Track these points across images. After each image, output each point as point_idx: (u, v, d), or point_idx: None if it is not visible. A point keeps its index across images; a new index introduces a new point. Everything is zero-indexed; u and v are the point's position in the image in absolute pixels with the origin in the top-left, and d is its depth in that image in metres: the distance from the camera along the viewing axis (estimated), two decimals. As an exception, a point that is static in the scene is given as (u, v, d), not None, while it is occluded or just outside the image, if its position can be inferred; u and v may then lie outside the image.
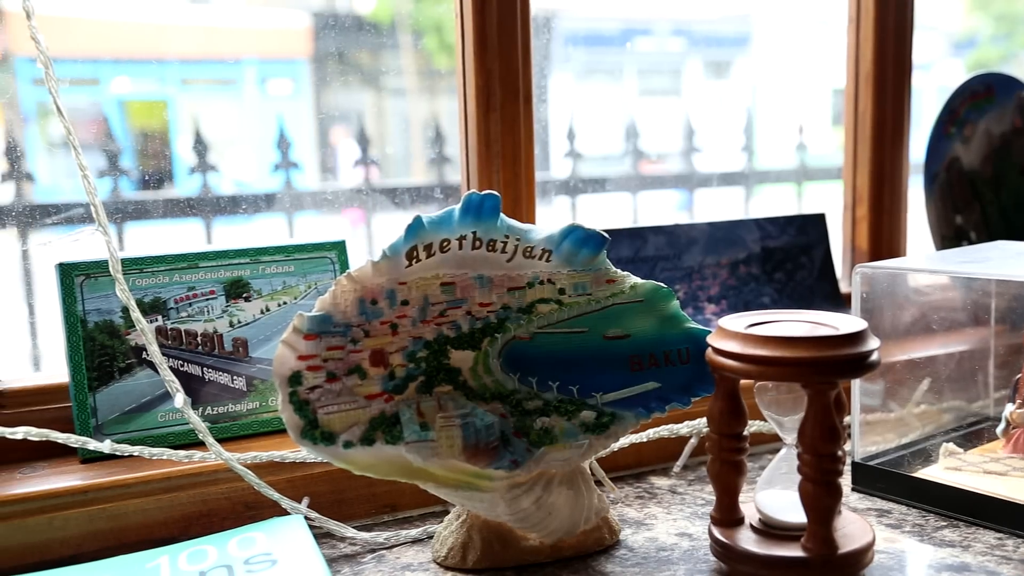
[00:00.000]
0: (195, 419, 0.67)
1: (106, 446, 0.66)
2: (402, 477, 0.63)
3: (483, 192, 0.63)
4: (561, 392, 0.66)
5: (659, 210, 1.76)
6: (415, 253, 0.63)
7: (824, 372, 0.58)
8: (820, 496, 0.60)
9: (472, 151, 0.84)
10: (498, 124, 0.83)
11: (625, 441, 0.78)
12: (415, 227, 0.63)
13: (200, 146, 1.35)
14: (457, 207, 0.63)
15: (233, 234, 1.46)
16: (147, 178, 1.34)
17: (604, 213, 1.64)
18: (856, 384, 0.79)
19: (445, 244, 0.64)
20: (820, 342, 0.59)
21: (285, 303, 0.78)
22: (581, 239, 0.65)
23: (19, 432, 0.64)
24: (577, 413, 0.65)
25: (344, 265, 0.80)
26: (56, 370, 0.78)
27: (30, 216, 0.96)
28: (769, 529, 0.64)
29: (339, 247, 0.80)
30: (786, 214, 0.99)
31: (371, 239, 1.32)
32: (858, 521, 0.65)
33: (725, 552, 0.64)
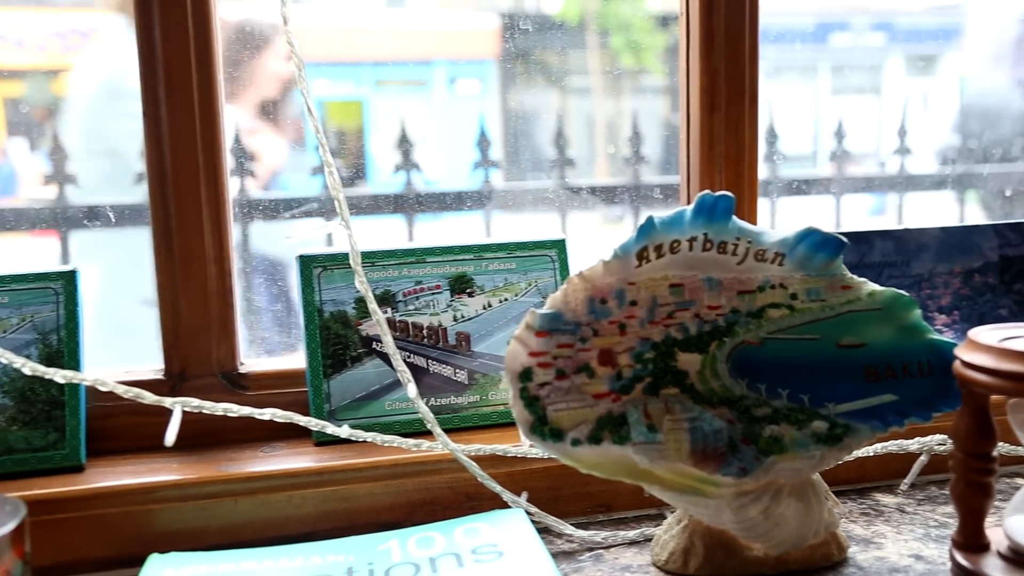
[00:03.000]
0: (424, 410, 0.70)
1: (344, 431, 0.69)
2: (627, 478, 0.63)
3: (717, 193, 0.61)
4: (791, 400, 0.64)
5: (855, 214, 1.68)
6: (645, 253, 0.63)
7: (1095, 393, 0.54)
8: (1085, 527, 0.55)
9: (694, 151, 0.83)
10: (722, 124, 0.81)
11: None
12: (647, 227, 0.62)
13: (405, 144, 1.39)
14: (689, 208, 0.62)
15: (431, 231, 1.50)
16: (344, 175, 1.40)
17: (804, 216, 1.59)
18: (1115, 407, 0.72)
19: (675, 245, 0.63)
20: (1090, 360, 0.54)
21: (506, 300, 0.79)
22: (818, 243, 0.63)
23: (267, 413, 0.68)
24: (808, 423, 0.63)
25: (564, 263, 0.80)
26: (283, 356, 0.82)
27: (270, 209, 1.02)
28: (1021, 558, 0.60)
29: (559, 245, 0.81)
30: (1026, 219, 0.92)
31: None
32: (1123, 557, 0.60)
33: (969, 579, 0.60)
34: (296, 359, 0.79)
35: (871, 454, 0.77)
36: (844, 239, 0.63)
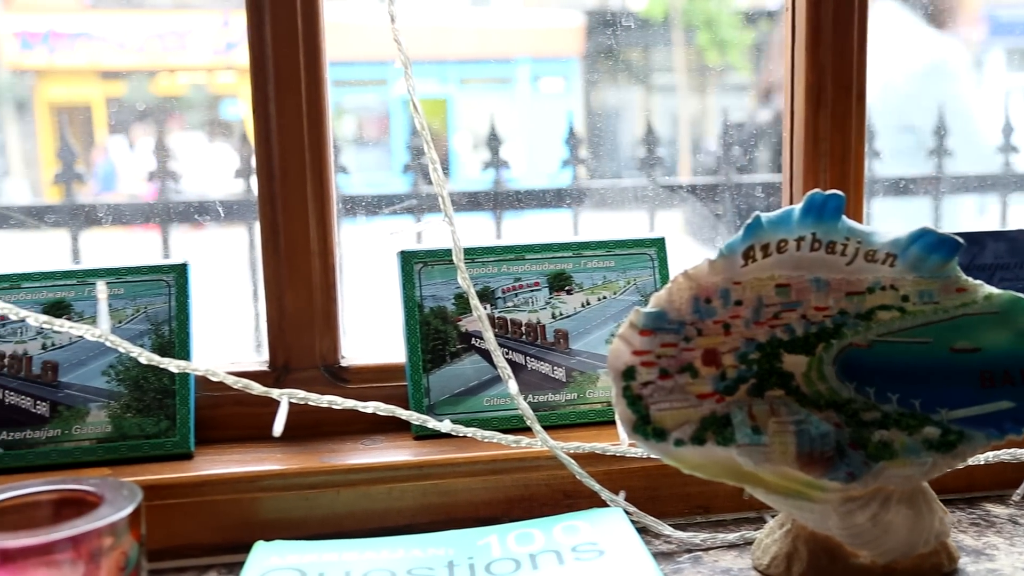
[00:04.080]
0: (524, 406, 0.70)
1: (445, 426, 0.70)
2: (730, 479, 0.62)
3: (827, 192, 0.60)
4: (901, 405, 0.62)
5: (956, 214, 1.63)
6: (752, 253, 0.62)
7: None
8: None
9: (797, 149, 0.81)
10: (827, 121, 0.80)
11: (958, 462, 0.73)
12: (754, 226, 0.61)
13: (494, 142, 1.40)
14: (797, 207, 0.61)
15: (519, 228, 1.50)
16: (418, 172, 1.40)
17: (901, 216, 1.55)
18: None
19: (782, 244, 0.62)
20: None
21: (605, 298, 0.79)
22: (932, 244, 0.61)
23: (370, 407, 0.69)
24: (919, 428, 0.61)
25: (663, 262, 0.80)
26: (384, 351, 0.83)
27: (372, 205, 1.04)
28: None
29: (659, 244, 0.80)
30: None
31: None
32: None
33: (1092, 595, 0.58)
34: (396, 353, 0.80)
35: (981, 462, 0.74)
36: (960, 240, 0.61)
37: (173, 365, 0.68)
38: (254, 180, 1.24)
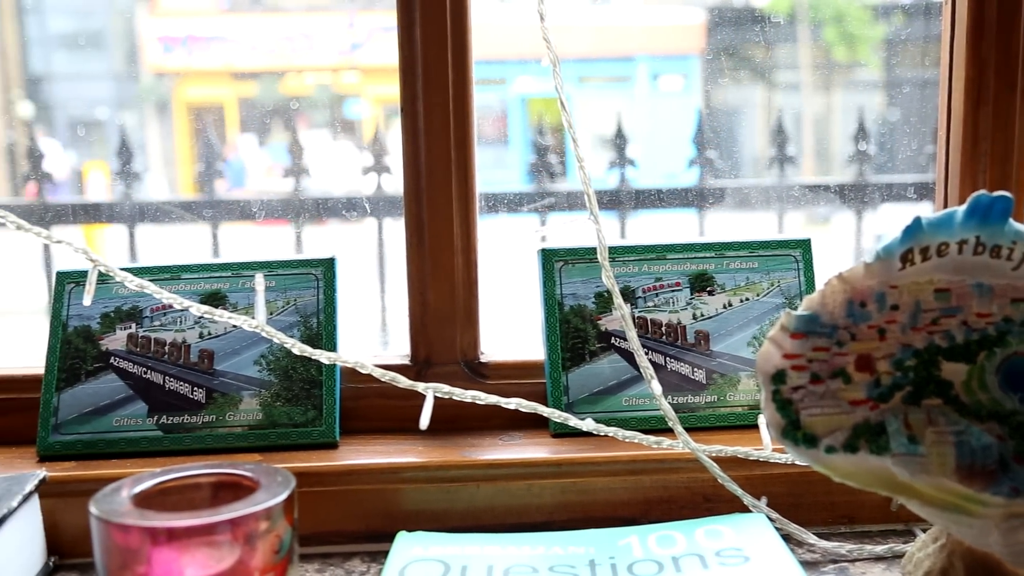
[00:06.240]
0: (667, 408, 0.69)
1: (587, 424, 0.70)
2: (883, 489, 0.60)
3: (994, 193, 0.58)
4: (1071, 419, 0.59)
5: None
6: (910, 256, 0.60)
7: None
8: None
9: (954, 148, 0.78)
10: (988, 119, 0.76)
11: None
12: (913, 228, 0.59)
13: (620, 141, 1.39)
14: (960, 208, 0.59)
15: (640, 228, 1.49)
16: (555, 171, 1.40)
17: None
18: None
19: (943, 248, 0.59)
20: None
21: (747, 299, 0.78)
22: (1109, 250, 0.58)
23: (512, 403, 0.70)
24: (1091, 444, 0.58)
25: (808, 264, 0.78)
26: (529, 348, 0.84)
27: (514, 203, 1.05)
28: None
29: (804, 245, 0.78)
30: None
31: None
32: None
33: None
34: (534, 351, 0.81)
35: None
36: None
37: (324, 357, 0.70)
38: (385, 177, 1.27)
